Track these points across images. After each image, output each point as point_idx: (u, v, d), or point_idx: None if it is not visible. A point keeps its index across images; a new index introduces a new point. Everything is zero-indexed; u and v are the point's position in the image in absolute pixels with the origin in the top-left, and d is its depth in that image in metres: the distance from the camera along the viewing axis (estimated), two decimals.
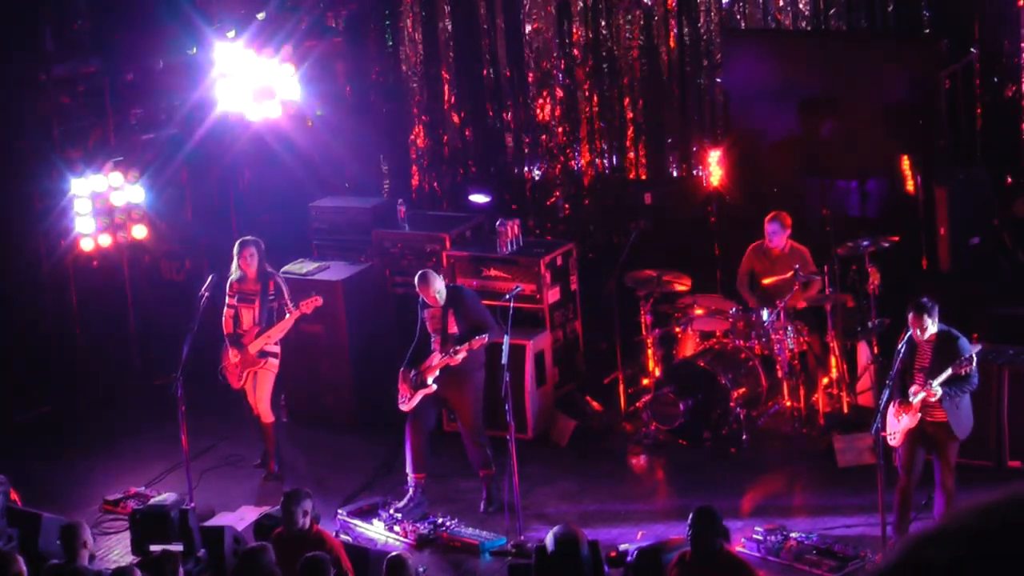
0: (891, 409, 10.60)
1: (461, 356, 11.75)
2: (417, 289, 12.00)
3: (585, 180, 16.62)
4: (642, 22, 16.07)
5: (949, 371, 10.38)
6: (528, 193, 16.84)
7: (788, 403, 13.11)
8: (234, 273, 12.77)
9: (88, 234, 14.42)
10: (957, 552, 1.64)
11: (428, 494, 12.11)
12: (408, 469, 12.05)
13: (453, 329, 11.88)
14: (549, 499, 12.33)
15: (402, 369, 11.99)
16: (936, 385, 10.40)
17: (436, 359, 11.87)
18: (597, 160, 16.57)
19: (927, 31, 14.94)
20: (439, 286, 11.93)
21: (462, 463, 12.32)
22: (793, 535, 11.12)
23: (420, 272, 12.10)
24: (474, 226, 14.49)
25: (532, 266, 13.57)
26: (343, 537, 11.29)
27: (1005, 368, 11.90)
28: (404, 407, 11.98)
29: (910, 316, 10.48)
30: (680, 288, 13.42)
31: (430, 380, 11.86)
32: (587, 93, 16.44)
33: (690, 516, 9.12)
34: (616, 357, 13.69)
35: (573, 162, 16.64)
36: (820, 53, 14.90)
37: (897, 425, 10.62)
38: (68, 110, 14.97)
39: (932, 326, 10.47)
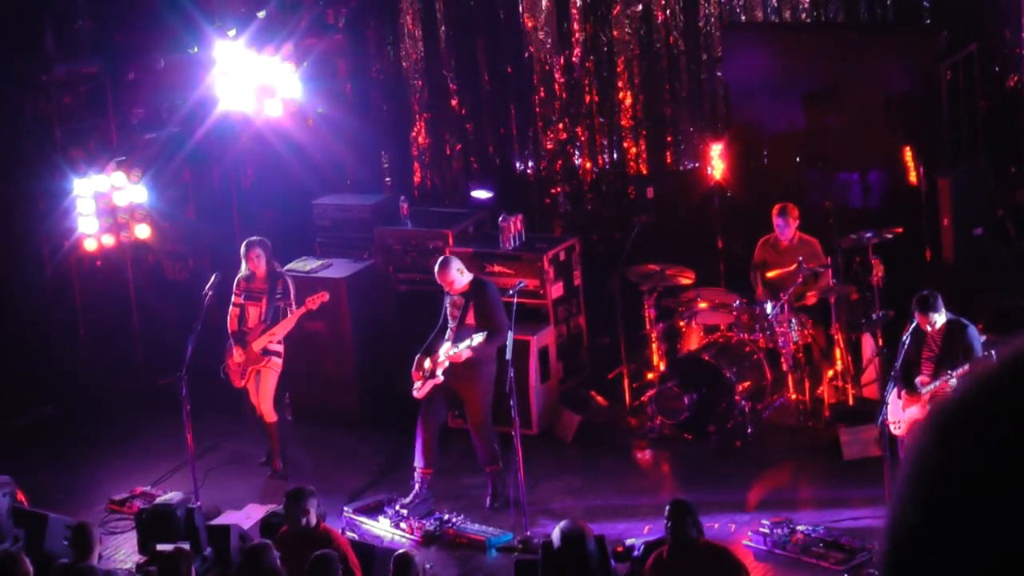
0: (893, 397, 10.60)
1: (465, 355, 11.72)
2: (435, 274, 11.98)
3: (587, 175, 16.60)
4: (642, 16, 16.05)
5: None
6: (530, 189, 16.82)
7: (793, 396, 13.09)
8: (243, 271, 12.76)
9: (91, 234, 14.40)
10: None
11: (434, 490, 12.10)
12: (416, 463, 12.05)
13: (471, 321, 11.84)
14: (555, 494, 12.33)
15: (419, 355, 11.97)
16: (954, 381, 10.37)
17: (445, 351, 11.86)
18: (598, 155, 16.55)
19: (927, 22, 14.93)
20: (454, 274, 11.88)
21: (467, 459, 12.31)
22: (800, 528, 11.12)
23: (441, 258, 12.11)
24: (476, 222, 14.49)
25: (535, 261, 13.56)
26: (349, 534, 11.30)
27: None
28: (416, 394, 11.98)
29: (916, 315, 10.48)
30: (684, 282, 13.41)
31: (439, 372, 11.86)
32: (587, 88, 16.43)
33: (666, 510, 9.13)
34: (620, 352, 13.69)
35: (575, 157, 16.62)
36: (820, 45, 14.89)
37: (902, 414, 10.62)
38: (70, 110, 14.96)
39: (940, 317, 10.49)
